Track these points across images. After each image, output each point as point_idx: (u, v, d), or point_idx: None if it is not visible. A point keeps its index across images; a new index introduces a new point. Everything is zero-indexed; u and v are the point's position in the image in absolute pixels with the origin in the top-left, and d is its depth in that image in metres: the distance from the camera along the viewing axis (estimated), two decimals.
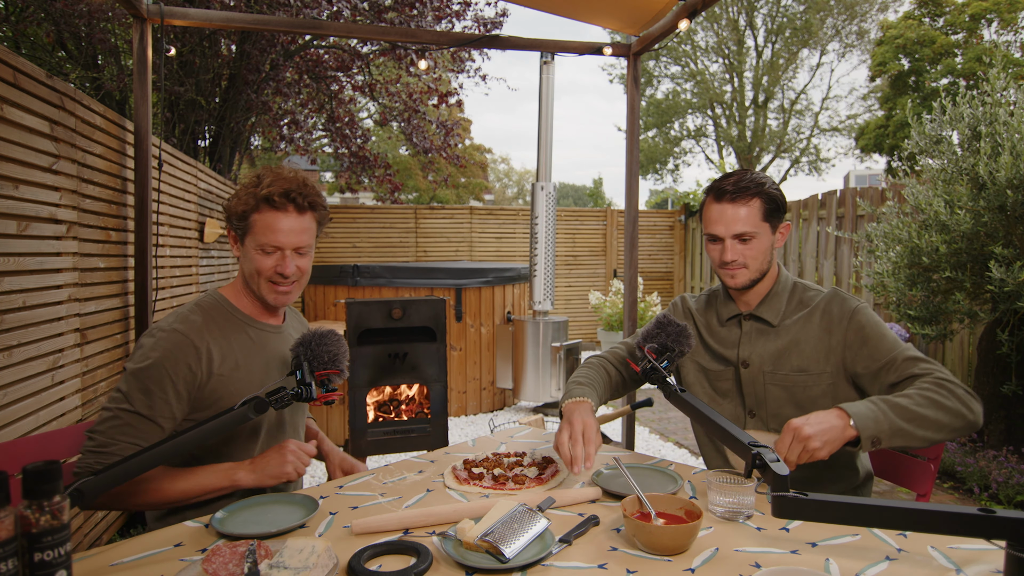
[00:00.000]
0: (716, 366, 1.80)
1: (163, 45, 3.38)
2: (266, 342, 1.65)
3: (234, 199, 1.57)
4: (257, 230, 1.54)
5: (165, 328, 1.51)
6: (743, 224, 1.66)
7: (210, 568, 1.05)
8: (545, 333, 5.50)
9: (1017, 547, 0.95)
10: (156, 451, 1.28)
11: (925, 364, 1.56)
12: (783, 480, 1.15)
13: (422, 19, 7.38)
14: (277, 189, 1.53)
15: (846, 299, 1.69)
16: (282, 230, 1.54)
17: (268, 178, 1.55)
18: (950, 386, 1.49)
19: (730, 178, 1.70)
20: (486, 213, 9.24)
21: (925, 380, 1.52)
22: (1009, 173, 3.22)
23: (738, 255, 1.68)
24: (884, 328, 1.64)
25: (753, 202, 1.67)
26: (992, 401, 3.82)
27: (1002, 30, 14.46)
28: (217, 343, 1.55)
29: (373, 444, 3.09)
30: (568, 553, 1.17)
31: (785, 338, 1.70)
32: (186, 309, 1.58)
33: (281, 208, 1.53)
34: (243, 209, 1.54)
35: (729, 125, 22.03)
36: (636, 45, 3.69)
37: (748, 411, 1.75)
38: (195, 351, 1.50)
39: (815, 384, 1.66)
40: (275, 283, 1.58)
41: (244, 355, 1.59)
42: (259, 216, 1.54)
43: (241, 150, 7.37)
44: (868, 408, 1.43)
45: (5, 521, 0.84)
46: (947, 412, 1.45)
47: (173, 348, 1.48)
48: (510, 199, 42.59)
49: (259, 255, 1.55)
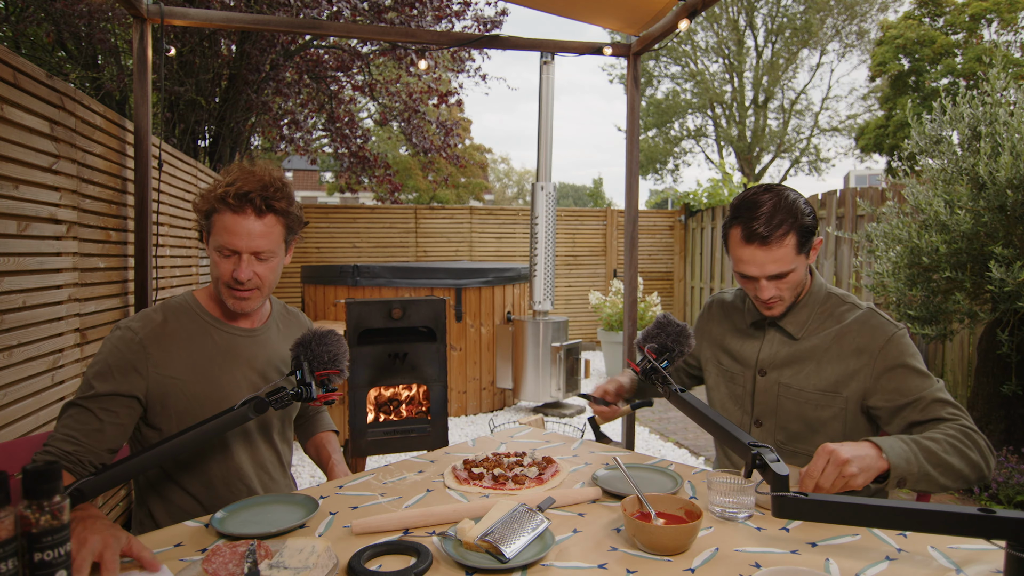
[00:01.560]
0: (736, 368, 1.78)
1: (163, 45, 3.38)
2: (234, 346, 1.61)
3: (200, 197, 1.53)
4: (216, 231, 1.50)
5: (121, 326, 1.52)
6: (778, 266, 1.54)
7: (210, 568, 1.05)
8: (545, 333, 5.50)
9: (1017, 547, 0.95)
10: (156, 451, 1.28)
11: (953, 409, 1.49)
12: (783, 480, 1.15)
13: (422, 19, 7.38)
14: (235, 190, 1.46)
15: (883, 324, 1.58)
16: (238, 233, 1.47)
17: (233, 176, 1.50)
18: (975, 436, 1.44)
19: (759, 213, 1.52)
20: (486, 213, 9.24)
21: (951, 426, 1.46)
22: (1009, 173, 3.22)
23: (774, 291, 1.60)
24: (918, 360, 1.55)
25: (787, 240, 1.52)
26: (992, 401, 3.82)
27: (1002, 30, 14.46)
28: (174, 344, 1.52)
29: (373, 444, 3.09)
30: (568, 553, 1.17)
31: (807, 352, 1.64)
32: (151, 308, 1.57)
33: (238, 210, 1.47)
34: (205, 208, 1.51)
35: (729, 125, 22.03)
36: (636, 45, 3.69)
37: (755, 420, 1.73)
38: (143, 351, 1.49)
39: (829, 405, 1.60)
40: (232, 288, 1.53)
41: (204, 358, 1.55)
42: (218, 217, 1.49)
43: (241, 150, 7.37)
44: (901, 447, 1.36)
45: (5, 521, 0.84)
46: (969, 464, 1.40)
47: (121, 347, 1.48)
48: (510, 199, 42.60)
49: (218, 257, 1.51)
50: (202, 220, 1.54)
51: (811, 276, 1.70)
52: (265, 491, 1.66)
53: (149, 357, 1.49)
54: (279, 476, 1.72)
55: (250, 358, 1.62)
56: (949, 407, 1.50)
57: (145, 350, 1.49)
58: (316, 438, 1.87)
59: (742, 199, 1.59)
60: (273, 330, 1.71)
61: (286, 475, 1.76)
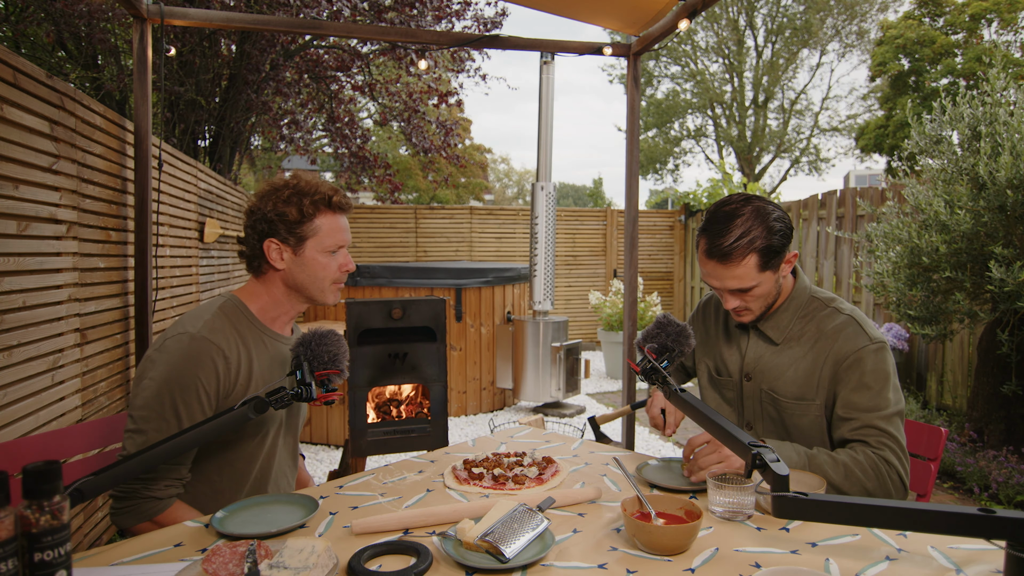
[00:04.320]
0: (725, 373, 1.78)
1: (163, 45, 3.38)
2: (277, 352, 1.64)
3: (280, 207, 1.55)
4: (324, 233, 1.58)
5: (194, 334, 1.48)
6: (738, 283, 1.55)
7: (210, 568, 1.05)
8: (545, 333, 5.50)
9: (1017, 547, 0.95)
10: (156, 451, 1.28)
11: (884, 439, 1.49)
12: (783, 480, 1.15)
13: (422, 19, 7.38)
14: (334, 194, 1.60)
15: (856, 336, 1.56)
16: (345, 228, 1.63)
17: (309, 184, 1.59)
18: (884, 470, 1.46)
19: (722, 229, 1.53)
20: (486, 213, 9.24)
21: (867, 452, 1.48)
22: (1009, 173, 3.22)
23: (739, 302, 1.60)
24: (879, 380, 1.52)
25: (747, 260, 1.52)
26: (992, 401, 3.82)
27: (1002, 30, 14.46)
28: (241, 351, 1.54)
29: (373, 444, 3.09)
30: (568, 553, 1.17)
31: (786, 360, 1.64)
32: (209, 314, 1.54)
33: (343, 210, 1.63)
34: (305, 213, 1.56)
35: (729, 125, 22.03)
36: (636, 45, 3.69)
37: (746, 423, 1.74)
38: (224, 359, 1.50)
39: (804, 414, 1.61)
40: (338, 282, 1.65)
41: (260, 363, 1.58)
42: (323, 219, 1.58)
43: (241, 150, 7.37)
44: (793, 456, 1.46)
45: (5, 521, 0.84)
46: (861, 492, 1.44)
47: (201, 355, 1.47)
48: (510, 199, 42.59)
49: (325, 258, 1.59)
50: (292, 230, 1.56)
51: (794, 278, 1.69)
52: (286, 488, 1.71)
53: (230, 365, 1.51)
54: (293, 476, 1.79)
55: (286, 364, 1.66)
56: (883, 436, 1.49)
57: (226, 359, 1.50)
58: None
59: (712, 211, 1.59)
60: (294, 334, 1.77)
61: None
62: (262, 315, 1.63)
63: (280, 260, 1.58)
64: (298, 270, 1.59)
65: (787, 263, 1.60)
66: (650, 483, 1.50)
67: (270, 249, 1.57)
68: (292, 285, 1.61)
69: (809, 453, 1.49)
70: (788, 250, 1.58)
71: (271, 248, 1.57)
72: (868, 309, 5.44)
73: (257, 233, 1.58)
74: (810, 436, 1.62)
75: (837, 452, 1.51)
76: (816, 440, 1.62)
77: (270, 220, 1.56)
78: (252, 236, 1.59)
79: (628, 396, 3.91)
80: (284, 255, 1.58)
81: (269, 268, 1.60)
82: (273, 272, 1.60)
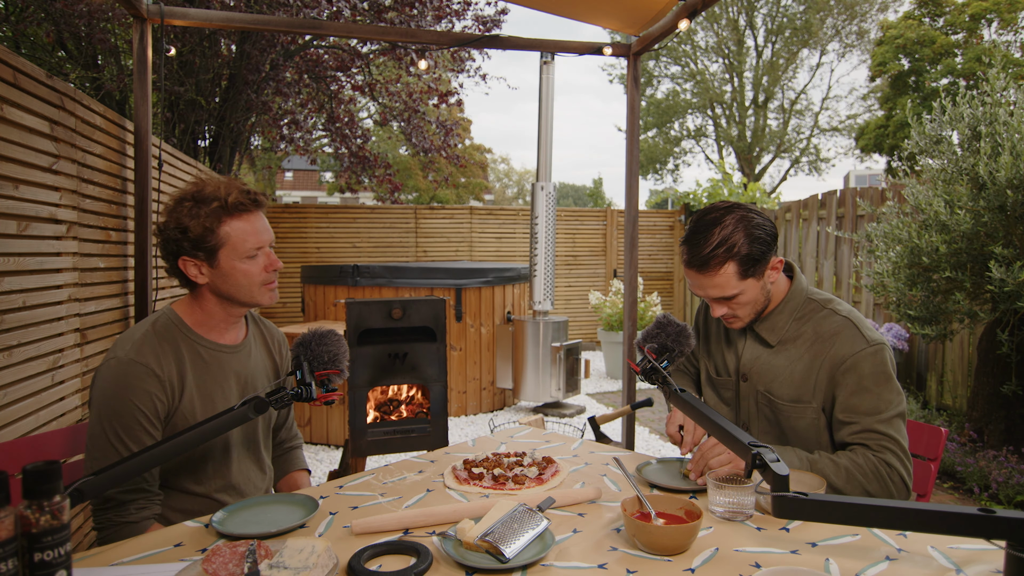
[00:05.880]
0: (723, 373, 1.79)
1: (163, 45, 3.38)
2: (220, 362, 1.58)
3: (183, 222, 1.46)
4: (235, 241, 1.49)
5: (121, 357, 1.44)
6: (719, 291, 1.55)
7: (210, 568, 1.05)
8: (545, 333, 5.50)
9: (1017, 547, 0.95)
10: (156, 451, 1.28)
11: (886, 442, 1.48)
12: (783, 480, 1.15)
13: (422, 19, 7.38)
14: (237, 194, 1.49)
15: (855, 338, 1.54)
16: (258, 230, 1.52)
17: (211, 189, 1.49)
18: (886, 472, 1.45)
19: (700, 239, 1.53)
20: (486, 213, 9.24)
21: (868, 456, 1.47)
22: (1009, 173, 3.22)
23: (725, 309, 1.60)
24: (879, 382, 1.51)
25: (725, 269, 1.52)
26: (992, 401, 3.82)
27: (1002, 30, 14.47)
28: (173, 366, 1.49)
29: (373, 444, 3.09)
30: (568, 553, 1.17)
31: (782, 362, 1.63)
32: (140, 333, 1.49)
33: (252, 210, 1.51)
34: (200, 231, 1.46)
35: (729, 125, 22.03)
36: (636, 45, 3.69)
37: (742, 424, 1.74)
38: (156, 377, 1.45)
39: (801, 416, 1.60)
40: (268, 283, 1.56)
41: (196, 376, 1.53)
42: (229, 227, 1.48)
43: (241, 150, 7.38)
44: (795, 460, 1.46)
45: (5, 521, 0.84)
46: (862, 494, 1.44)
47: (130, 379, 1.43)
48: (510, 199, 42.60)
49: (245, 264, 1.51)
50: (197, 245, 1.47)
51: (791, 279, 1.68)
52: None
53: (164, 385, 1.46)
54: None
55: (235, 373, 1.61)
56: (884, 439, 1.49)
57: (159, 380, 1.46)
58: (289, 477, 1.87)
59: (695, 220, 1.59)
60: (252, 344, 1.70)
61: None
62: (199, 327, 1.57)
63: (200, 275, 1.51)
64: (221, 281, 1.52)
65: (772, 269, 1.59)
66: (650, 483, 1.50)
67: (187, 267, 1.51)
68: (221, 295, 1.54)
69: (811, 458, 1.49)
70: (771, 256, 1.58)
71: (187, 265, 1.51)
72: (868, 309, 5.44)
73: (169, 253, 1.51)
74: (806, 438, 1.62)
75: (838, 455, 1.50)
76: (813, 442, 1.61)
77: (175, 239, 1.48)
78: (167, 256, 1.52)
79: (628, 396, 3.91)
80: (202, 269, 1.51)
81: (194, 283, 1.54)
82: (200, 286, 1.54)
